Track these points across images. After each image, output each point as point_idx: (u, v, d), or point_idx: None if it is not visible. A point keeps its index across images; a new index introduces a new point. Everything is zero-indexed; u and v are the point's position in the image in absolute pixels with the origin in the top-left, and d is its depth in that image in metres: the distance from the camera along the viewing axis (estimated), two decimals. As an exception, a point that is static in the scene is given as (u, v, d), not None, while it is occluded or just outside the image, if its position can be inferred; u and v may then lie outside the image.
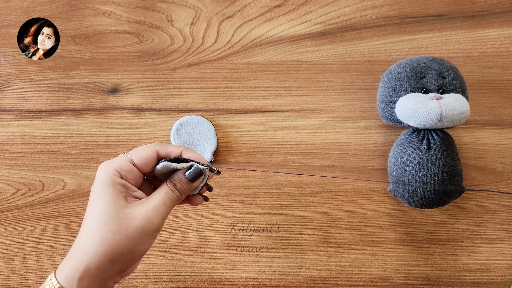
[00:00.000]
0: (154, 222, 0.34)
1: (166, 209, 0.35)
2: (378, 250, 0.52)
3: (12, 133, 0.53)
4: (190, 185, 0.37)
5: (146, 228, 0.34)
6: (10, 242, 0.53)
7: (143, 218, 0.33)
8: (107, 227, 0.33)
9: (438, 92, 0.46)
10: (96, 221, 0.33)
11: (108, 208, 0.33)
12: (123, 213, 0.33)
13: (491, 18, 0.51)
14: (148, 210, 0.34)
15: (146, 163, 0.36)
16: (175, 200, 0.36)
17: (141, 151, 0.36)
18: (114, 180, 0.34)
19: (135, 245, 0.33)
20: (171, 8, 0.52)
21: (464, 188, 0.48)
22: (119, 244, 0.33)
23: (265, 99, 0.53)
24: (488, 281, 0.51)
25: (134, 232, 0.33)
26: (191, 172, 0.36)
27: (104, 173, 0.34)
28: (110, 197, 0.34)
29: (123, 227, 0.33)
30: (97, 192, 0.34)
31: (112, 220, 0.33)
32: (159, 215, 0.34)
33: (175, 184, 0.36)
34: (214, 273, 0.53)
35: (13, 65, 0.53)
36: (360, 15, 0.52)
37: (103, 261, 0.32)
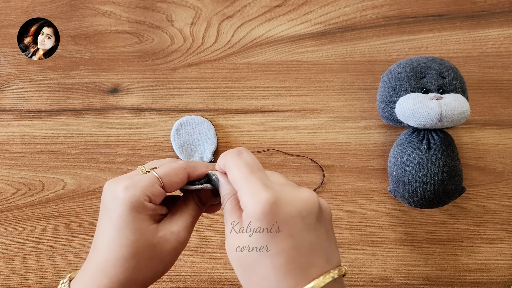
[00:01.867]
0: (185, 242, 0.33)
1: (193, 226, 0.34)
2: (378, 250, 0.52)
3: (12, 133, 0.53)
4: (213, 199, 0.36)
5: (178, 249, 0.32)
6: (10, 242, 0.53)
7: (176, 240, 0.32)
8: (141, 256, 0.30)
9: (438, 92, 0.46)
10: (127, 250, 0.30)
11: (141, 237, 0.30)
12: (156, 239, 0.31)
13: (491, 18, 0.51)
14: (180, 231, 0.32)
15: (176, 187, 0.33)
16: (200, 214, 0.35)
17: (173, 175, 0.32)
18: (146, 206, 0.31)
19: (167, 266, 0.32)
20: (171, 8, 0.53)
21: (464, 188, 0.48)
22: (153, 269, 0.31)
23: (265, 99, 0.53)
24: (488, 281, 0.51)
25: (168, 256, 0.32)
26: (216, 187, 0.34)
27: (132, 195, 0.30)
28: (142, 224, 0.31)
29: (157, 253, 0.31)
30: (125, 216, 0.30)
31: (146, 248, 0.31)
32: (189, 233, 0.33)
33: (201, 199, 0.35)
34: (214, 273, 0.53)
35: (13, 65, 0.53)
36: (360, 15, 0.52)
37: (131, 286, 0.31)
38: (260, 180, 0.28)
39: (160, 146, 0.53)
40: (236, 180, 0.29)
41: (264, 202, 0.27)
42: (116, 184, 0.31)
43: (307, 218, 0.27)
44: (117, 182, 0.31)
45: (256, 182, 0.28)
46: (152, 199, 0.31)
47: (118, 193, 0.31)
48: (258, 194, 0.27)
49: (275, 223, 0.27)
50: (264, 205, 0.27)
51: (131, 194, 0.30)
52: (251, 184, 0.28)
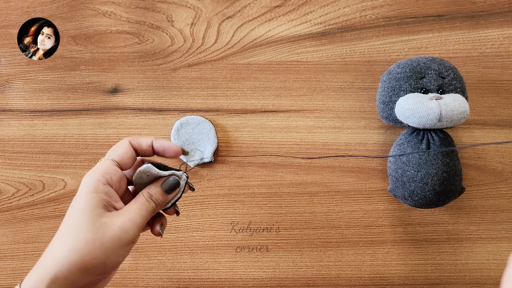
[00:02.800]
0: (129, 233, 0.33)
1: (142, 220, 0.34)
2: (377, 250, 0.52)
3: (12, 133, 0.53)
4: (165, 196, 0.36)
5: (122, 239, 0.32)
6: (10, 242, 0.53)
7: (119, 228, 0.32)
8: (81, 235, 0.31)
9: (438, 92, 0.46)
10: (69, 228, 0.32)
11: (84, 215, 0.32)
12: (100, 222, 0.32)
13: (490, 18, 0.51)
14: (125, 221, 0.33)
15: (127, 157, 0.36)
16: (151, 211, 0.35)
17: (117, 148, 0.36)
18: (98, 187, 0.33)
19: (108, 255, 0.32)
20: (171, 9, 0.53)
21: (464, 188, 0.48)
22: (91, 253, 0.31)
23: (265, 99, 0.53)
24: (488, 281, 0.52)
25: (109, 242, 0.32)
26: (168, 183, 0.36)
27: (89, 178, 0.33)
28: (90, 204, 0.32)
29: (98, 236, 0.31)
30: (78, 198, 0.33)
31: (87, 228, 0.32)
32: (135, 226, 0.33)
33: (152, 195, 0.35)
34: (214, 273, 0.53)
35: (13, 65, 0.53)
36: (360, 16, 0.52)
37: (72, 270, 0.31)
38: None
39: (160, 146, 0.53)
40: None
41: None
42: None
43: None
44: None
45: None
46: (108, 178, 0.34)
47: (81, 182, 0.34)
48: None
49: None
50: None
51: (89, 178, 0.33)
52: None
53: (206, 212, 0.53)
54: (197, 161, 0.52)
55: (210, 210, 0.53)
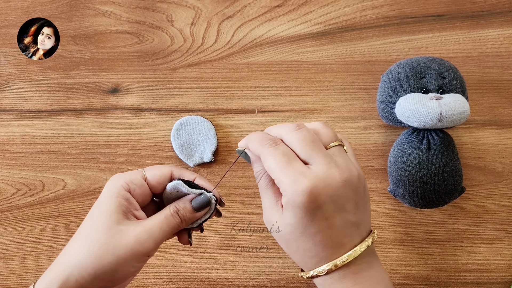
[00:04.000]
0: (145, 245, 0.32)
1: (161, 235, 0.33)
2: (378, 250, 0.52)
3: (12, 133, 0.53)
4: (193, 214, 0.35)
5: (135, 250, 0.31)
6: (10, 242, 0.53)
7: (135, 238, 0.31)
8: (95, 239, 0.31)
9: (438, 92, 0.46)
10: (86, 231, 0.32)
11: (102, 219, 0.32)
12: (116, 228, 0.31)
13: (490, 18, 0.51)
14: (141, 232, 0.32)
15: (159, 180, 0.35)
16: (174, 227, 0.34)
17: (156, 169, 0.35)
18: (120, 192, 0.33)
19: (119, 264, 0.31)
20: (171, 8, 0.53)
21: (464, 188, 0.48)
22: (102, 259, 0.31)
23: (265, 99, 0.53)
24: (488, 281, 0.51)
25: (121, 251, 0.31)
26: (198, 200, 0.35)
27: (112, 183, 0.33)
28: (109, 208, 0.32)
29: (111, 242, 0.31)
30: (99, 201, 0.33)
31: (102, 232, 0.31)
32: (152, 239, 0.32)
33: (178, 210, 0.34)
34: (214, 273, 0.53)
35: (13, 65, 0.53)
36: (360, 15, 0.52)
37: (83, 274, 0.31)
38: (297, 170, 0.31)
39: (160, 146, 0.53)
40: (273, 169, 0.32)
41: (302, 192, 0.31)
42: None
43: (337, 201, 0.32)
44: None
45: (294, 172, 0.31)
46: (131, 187, 0.33)
47: (105, 184, 0.34)
48: (296, 184, 0.31)
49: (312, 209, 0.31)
50: (303, 195, 0.30)
51: (112, 182, 0.33)
52: (290, 174, 0.31)
53: (206, 212, 0.53)
54: (197, 161, 0.52)
55: (210, 210, 0.53)
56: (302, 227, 0.32)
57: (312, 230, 0.32)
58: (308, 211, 0.31)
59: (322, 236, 0.32)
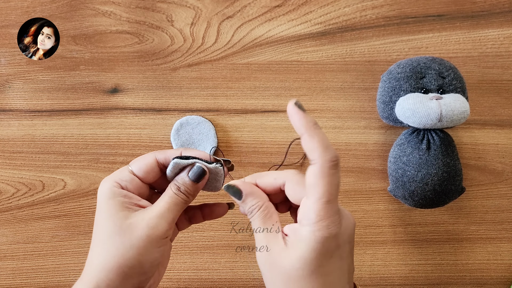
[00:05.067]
0: (158, 228, 0.32)
1: (171, 214, 0.33)
2: (378, 250, 0.52)
3: (12, 133, 0.53)
4: (195, 186, 0.34)
5: (151, 235, 0.32)
6: (10, 242, 0.53)
7: (146, 226, 0.32)
8: (110, 241, 0.31)
9: (438, 92, 0.46)
10: (100, 237, 0.32)
11: (109, 222, 0.32)
12: (126, 224, 0.32)
13: (491, 18, 0.51)
14: (151, 217, 0.32)
15: (146, 171, 0.34)
16: (182, 203, 0.34)
17: (140, 160, 0.35)
18: (115, 192, 0.33)
19: (141, 254, 0.31)
20: (171, 8, 0.53)
21: (464, 188, 0.48)
22: (124, 256, 0.31)
23: (265, 99, 0.53)
24: (488, 281, 0.51)
25: (139, 241, 0.31)
26: (192, 171, 0.34)
27: (104, 187, 0.33)
28: (112, 209, 0.32)
29: (127, 238, 0.31)
30: (99, 207, 0.33)
31: (114, 233, 0.31)
32: (164, 221, 0.32)
33: (179, 187, 0.34)
34: (214, 273, 0.53)
35: (13, 65, 0.53)
36: (360, 15, 0.52)
37: (111, 277, 0.31)
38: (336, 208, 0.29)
39: (160, 146, 0.53)
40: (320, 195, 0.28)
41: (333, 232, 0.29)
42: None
43: (351, 243, 0.31)
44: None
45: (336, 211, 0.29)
46: (123, 184, 0.33)
47: (98, 191, 0.33)
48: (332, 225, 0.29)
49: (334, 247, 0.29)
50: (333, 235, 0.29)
51: (104, 186, 0.33)
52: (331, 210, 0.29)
53: (206, 212, 0.53)
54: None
55: (210, 210, 0.53)
56: (317, 264, 0.29)
57: (327, 269, 0.29)
58: (330, 248, 0.29)
59: (333, 278, 0.29)
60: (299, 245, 0.29)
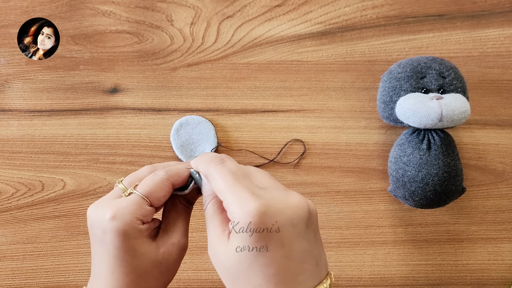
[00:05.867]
0: (186, 246, 0.33)
1: (187, 227, 0.34)
2: (378, 250, 0.52)
3: (11, 133, 0.53)
4: (198, 195, 0.35)
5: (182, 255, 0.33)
6: (9, 242, 0.53)
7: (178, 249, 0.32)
8: (150, 276, 0.31)
9: (439, 92, 0.46)
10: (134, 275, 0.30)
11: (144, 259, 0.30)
12: (160, 255, 0.31)
13: (491, 18, 0.51)
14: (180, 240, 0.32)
15: (164, 201, 0.32)
16: (190, 214, 0.35)
17: (158, 190, 0.31)
18: (141, 229, 0.30)
19: (175, 274, 0.33)
20: (171, 8, 0.52)
21: (465, 188, 0.48)
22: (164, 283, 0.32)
23: (265, 99, 0.53)
24: (489, 281, 0.51)
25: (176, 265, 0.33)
26: (199, 185, 0.33)
27: (123, 224, 0.29)
28: (142, 247, 0.30)
29: (164, 267, 0.32)
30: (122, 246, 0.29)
31: (153, 267, 0.31)
32: (187, 237, 0.34)
33: (189, 200, 0.35)
34: (214, 273, 0.52)
35: (13, 65, 0.53)
36: (360, 15, 0.52)
37: None
38: (247, 188, 0.27)
39: (160, 146, 0.53)
40: (221, 189, 0.28)
41: (253, 212, 0.25)
42: (101, 213, 0.29)
43: (297, 225, 0.27)
44: (102, 211, 0.30)
45: (243, 191, 0.27)
46: (144, 220, 0.31)
47: (107, 225, 0.29)
48: (247, 204, 0.26)
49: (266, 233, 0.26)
50: (254, 215, 0.25)
51: (121, 223, 0.29)
52: (238, 193, 0.27)
53: (206, 212, 0.53)
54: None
55: (210, 210, 0.53)
56: (251, 256, 0.26)
57: (264, 260, 0.26)
58: (261, 236, 0.26)
59: (276, 268, 0.26)
60: (231, 240, 0.27)
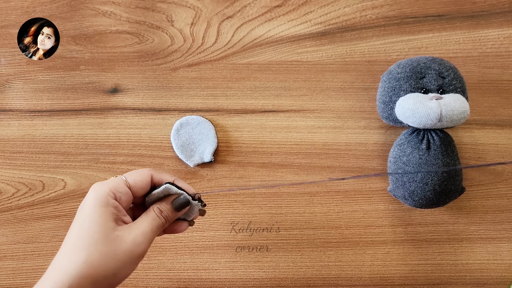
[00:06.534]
0: (141, 247, 0.34)
1: (152, 235, 0.35)
2: (378, 250, 0.52)
3: (12, 133, 0.53)
4: (175, 214, 0.37)
5: (134, 252, 0.33)
6: (10, 242, 0.53)
7: (132, 242, 0.33)
8: (94, 248, 0.32)
9: (438, 92, 0.46)
10: (82, 241, 0.32)
11: (97, 229, 0.33)
12: (113, 235, 0.33)
13: (490, 18, 0.51)
14: (137, 235, 0.34)
15: (141, 186, 0.36)
16: (161, 226, 0.36)
17: (137, 175, 0.36)
18: (109, 201, 0.34)
19: (119, 268, 0.33)
20: (171, 8, 0.53)
21: (464, 188, 0.48)
22: (104, 266, 0.32)
23: (265, 99, 0.53)
24: (488, 281, 0.52)
25: (122, 255, 0.33)
26: (178, 201, 0.37)
27: (98, 193, 0.34)
28: (101, 217, 0.33)
29: (111, 249, 0.32)
30: (87, 211, 0.33)
31: (101, 241, 0.32)
32: (146, 240, 0.34)
33: (162, 212, 0.36)
34: (214, 273, 0.53)
35: (13, 65, 0.53)
36: (360, 15, 0.52)
37: (83, 283, 0.31)
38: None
39: (160, 146, 0.53)
40: None
41: None
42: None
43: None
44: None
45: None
46: (117, 196, 0.35)
47: (88, 193, 0.34)
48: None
49: None
50: None
51: (98, 192, 0.34)
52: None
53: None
54: (197, 161, 0.52)
55: (210, 210, 0.53)
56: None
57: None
58: None
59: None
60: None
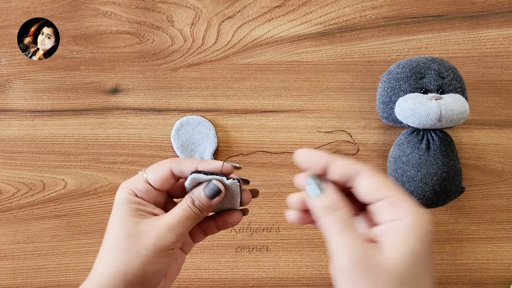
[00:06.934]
0: (165, 240, 0.31)
1: (181, 228, 0.32)
2: (377, 250, 0.52)
3: (13, 133, 0.53)
4: (209, 202, 0.33)
5: (157, 246, 0.31)
6: (10, 241, 0.53)
7: (154, 235, 0.31)
8: (118, 246, 0.31)
9: (438, 92, 0.46)
10: (109, 241, 0.32)
11: (120, 226, 0.32)
12: (135, 230, 0.32)
13: (490, 18, 0.51)
14: (160, 228, 0.32)
15: (161, 182, 0.33)
16: (194, 217, 0.33)
17: (155, 170, 0.34)
18: (129, 199, 0.33)
19: (145, 263, 0.31)
20: (172, 9, 0.53)
21: (464, 188, 0.48)
22: (129, 263, 0.31)
23: (265, 99, 0.53)
24: (488, 281, 0.52)
25: (144, 250, 0.31)
26: (208, 188, 0.33)
27: (120, 192, 0.33)
28: (123, 214, 0.32)
29: (133, 245, 0.31)
30: (113, 212, 0.33)
31: (123, 237, 0.31)
32: (172, 233, 0.32)
33: (194, 201, 0.33)
34: (214, 272, 0.53)
35: (14, 65, 0.54)
36: (359, 16, 0.52)
37: (115, 282, 0.31)
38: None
39: (161, 146, 0.53)
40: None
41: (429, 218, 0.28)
42: None
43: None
44: None
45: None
46: (137, 193, 0.33)
47: (116, 193, 0.34)
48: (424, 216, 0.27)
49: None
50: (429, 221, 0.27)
51: (120, 192, 0.33)
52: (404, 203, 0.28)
53: (206, 212, 0.53)
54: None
55: (210, 210, 0.53)
56: (428, 258, 0.25)
57: (430, 264, 0.25)
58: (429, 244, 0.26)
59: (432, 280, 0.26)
60: (405, 239, 0.25)
